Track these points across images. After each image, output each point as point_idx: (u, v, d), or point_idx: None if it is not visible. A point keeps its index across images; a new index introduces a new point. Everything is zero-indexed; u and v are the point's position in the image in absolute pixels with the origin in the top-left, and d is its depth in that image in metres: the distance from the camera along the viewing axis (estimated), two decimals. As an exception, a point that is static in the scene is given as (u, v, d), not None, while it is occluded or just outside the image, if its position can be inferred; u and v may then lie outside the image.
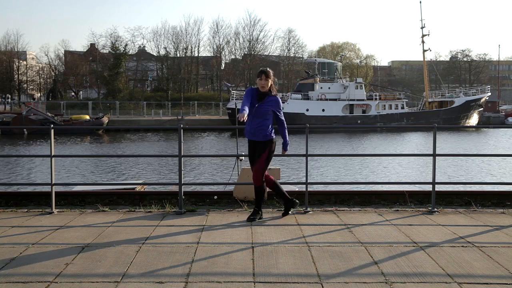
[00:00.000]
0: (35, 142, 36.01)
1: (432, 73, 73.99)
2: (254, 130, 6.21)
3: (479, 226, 6.04)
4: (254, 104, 6.16)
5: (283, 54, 74.66)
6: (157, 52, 72.11)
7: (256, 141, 6.24)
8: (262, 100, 6.19)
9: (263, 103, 6.18)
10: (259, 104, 6.18)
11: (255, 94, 6.22)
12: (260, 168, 6.21)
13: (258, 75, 6.27)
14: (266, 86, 6.18)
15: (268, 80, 6.16)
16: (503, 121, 63.19)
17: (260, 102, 6.18)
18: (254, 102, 6.17)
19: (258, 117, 6.16)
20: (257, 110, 6.15)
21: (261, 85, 6.18)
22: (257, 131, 6.19)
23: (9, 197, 9.38)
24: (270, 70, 6.28)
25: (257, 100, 6.21)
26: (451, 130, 49.12)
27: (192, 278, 4.19)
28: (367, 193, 9.65)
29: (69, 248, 5.06)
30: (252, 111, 6.13)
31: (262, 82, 6.17)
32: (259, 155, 6.21)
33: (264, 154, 6.20)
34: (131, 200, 9.24)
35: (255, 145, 6.27)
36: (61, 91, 70.53)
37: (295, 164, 21.49)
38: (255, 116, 6.15)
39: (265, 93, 6.21)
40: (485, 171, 20.72)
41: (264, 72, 6.22)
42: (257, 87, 6.26)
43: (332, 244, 5.19)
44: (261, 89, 6.21)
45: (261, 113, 6.16)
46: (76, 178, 18.88)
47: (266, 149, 6.20)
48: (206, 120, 52.96)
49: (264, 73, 6.20)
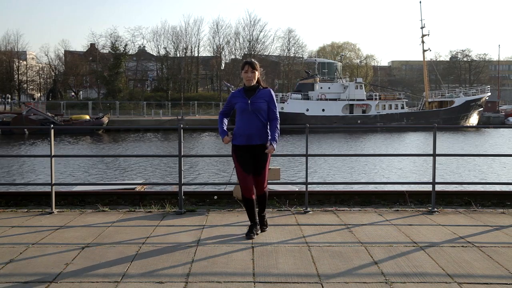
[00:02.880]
0: (35, 142, 36.00)
1: (432, 73, 73.99)
2: (250, 132, 5.33)
3: (479, 226, 6.04)
4: (246, 102, 5.34)
5: (283, 54, 74.75)
6: (157, 52, 72.20)
7: (256, 146, 5.37)
8: (254, 95, 5.37)
9: (255, 97, 5.35)
10: (251, 100, 5.33)
11: (241, 95, 5.41)
12: (266, 175, 5.50)
13: (243, 67, 5.38)
14: (253, 79, 5.36)
15: (254, 72, 5.34)
16: (503, 121, 63.23)
17: (252, 97, 5.36)
18: (243, 101, 5.35)
19: (253, 116, 5.31)
20: (251, 107, 5.31)
21: (246, 78, 5.35)
22: (255, 134, 5.34)
23: (9, 197, 9.37)
24: (256, 61, 5.49)
25: (246, 97, 5.37)
26: (451, 130, 49.12)
27: (192, 278, 4.19)
28: (367, 193, 9.64)
29: (69, 248, 5.06)
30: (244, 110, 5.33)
31: (248, 74, 5.33)
32: (261, 161, 5.41)
33: (268, 158, 5.45)
34: (131, 200, 9.23)
35: (254, 150, 5.38)
36: (61, 91, 70.55)
37: (295, 164, 21.49)
38: (250, 115, 5.31)
39: (253, 87, 5.40)
40: (485, 171, 20.72)
41: (249, 63, 5.37)
42: (239, 89, 5.53)
43: (332, 244, 5.19)
44: (247, 83, 5.38)
45: (256, 110, 5.31)
46: (76, 178, 18.88)
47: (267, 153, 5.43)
48: (206, 120, 52.91)
49: (249, 64, 5.36)
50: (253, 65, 5.36)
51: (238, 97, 5.42)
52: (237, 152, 5.42)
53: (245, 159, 5.38)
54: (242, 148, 5.39)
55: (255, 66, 5.37)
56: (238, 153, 5.41)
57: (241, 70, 5.43)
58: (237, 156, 5.42)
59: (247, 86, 5.41)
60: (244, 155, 5.39)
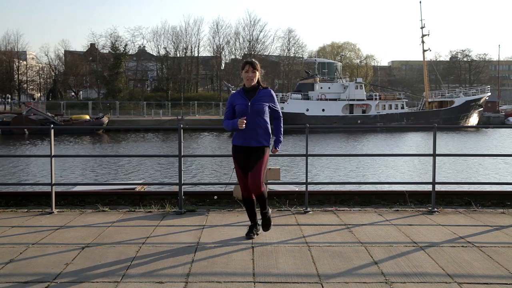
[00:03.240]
0: (35, 142, 36.00)
1: (432, 73, 73.99)
2: (248, 134, 5.24)
3: (479, 226, 6.04)
4: (246, 104, 5.24)
5: (283, 54, 74.75)
6: (157, 52, 72.22)
7: (252, 147, 5.28)
8: (254, 96, 5.28)
9: (255, 98, 5.26)
10: (251, 101, 5.25)
11: (241, 96, 5.30)
12: (261, 171, 5.25)
13: (243, 67, 5.30)
14: (254, 79, 5.28)
15: (255, 72, 5.26)
16: (503, 121, 63.21)
17: (252, 98, 5.27)
18: (243, 102, 5.25)
19: (253, 118, 5.21)
20: (251, 109, 5.22)
21: (247, 77, 5.26)
22: (253, 136, 5.24)
23: (9, 197, 9.36)
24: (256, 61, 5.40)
25: (246, 98, 5.28)
26: (451, 130, 49.12)
27: (192, 278, 4.19)
28: (367, 193, 9.63)
29: (69, 248, 5.06)
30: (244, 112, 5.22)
31: (249, 74, 5.25)
32: (256, 160, 5.25)
33: (264, 157, 5.30)
34: (131, 200, 9.22)
35: (250, 151, 5.29)
36: (61, 91, 70.55)
37: (295, 164, 21.50)
38: (249, 116, 5.21)
39: (254, 88, 5.31)
40: (485, 171, 20.71)
41: (250, 63, 5.29)
42: (239, 89, 5.42)
43: (332, 244, 5.19)
44: (247, 83, 5.29)
45: (256, 112, 5.23)
46: (76, 178, 18.88)
47: (264, 154, 5.30)
48: (206, 120, 52.93)
49: (250, 64, 5.28)
50: (254, 65, 5.27)
51: (238, 98, 5.32)
52: (235, 153, 5.40)
53: (243, 160, 5.35)
54: (240, 149, 5.36)
55: (256, 66, 5.29)
56: (236, 153, 5.40)
57: (242, 70, 5.34)
58: (235, 156, 5.41)
59: (247, 87, 5.33)
60: (241, 156, 5.36)
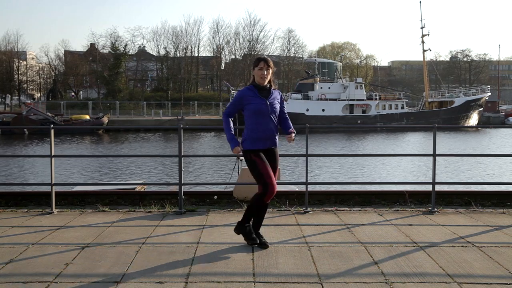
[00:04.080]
0: (35, 142, 36.01)
1: (432, 73, 74.02)
2: (267, 136, 4.97)
3: (479, 226, 6.04)
4: (264, 103, 4.92)
5: (283, 54, 74.75)
6: (157, 52, 72.21)
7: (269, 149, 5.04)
8: (269, 95, 4.98)
9: (271, 98, 4.98)
10: (269, 101, 4.95)
11: (256, 94, 4.92)
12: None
13: (257, 63, 4.92)
14: (267, 77, 4.94)
15: (269, 70, 4.93)
16: (503, 121, 63.24)
17: (268, 97, 4.96)
18: (261, 101, 4.91)
19: (269, 119, 4.94)
20: (271, 108, 4.94)
21: (261, 75, 4.89)
22: (271, 137, 5.00)
23: (9, 197, 9.36)
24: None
25: (260, 97, 4.94)
26: (451, 130, 49.12)
27: (192, 278, 4.19)
28: (367, 193, 9.63)
29: (69, 248, 5.06)
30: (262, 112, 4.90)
31: (263, 72, 4.89)
32: (275, 161, 5.09)
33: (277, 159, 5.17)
34: (131, 200, 9.22)
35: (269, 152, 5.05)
36: (61, 91, 70.56)
37: (295, 164, 21.50)
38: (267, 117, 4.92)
39: (267, 87, 4.98)
40: (485, 171, 20.71)
41: (265, 60, 4.94)
42: (248, 87, 5.02)
43: (332, 244, 5.19)
44: (261, 81, 4.93)
45: (274, 112, 4.96)
46: (76, 178, 18.88)
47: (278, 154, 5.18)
48: (206, 120, 52.94)
49: (264, 61, 4.92)
50: (268, 62, 4.92)
51: (252, 97, 4.92)
52: (259, 154, 4.95)
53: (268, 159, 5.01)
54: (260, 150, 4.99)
55: (270, 63, 4.95)
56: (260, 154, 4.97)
57: (254, 67, 4.96)
58: (261, 157, 4.94)
59: (260, 85, 4.95)
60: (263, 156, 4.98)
